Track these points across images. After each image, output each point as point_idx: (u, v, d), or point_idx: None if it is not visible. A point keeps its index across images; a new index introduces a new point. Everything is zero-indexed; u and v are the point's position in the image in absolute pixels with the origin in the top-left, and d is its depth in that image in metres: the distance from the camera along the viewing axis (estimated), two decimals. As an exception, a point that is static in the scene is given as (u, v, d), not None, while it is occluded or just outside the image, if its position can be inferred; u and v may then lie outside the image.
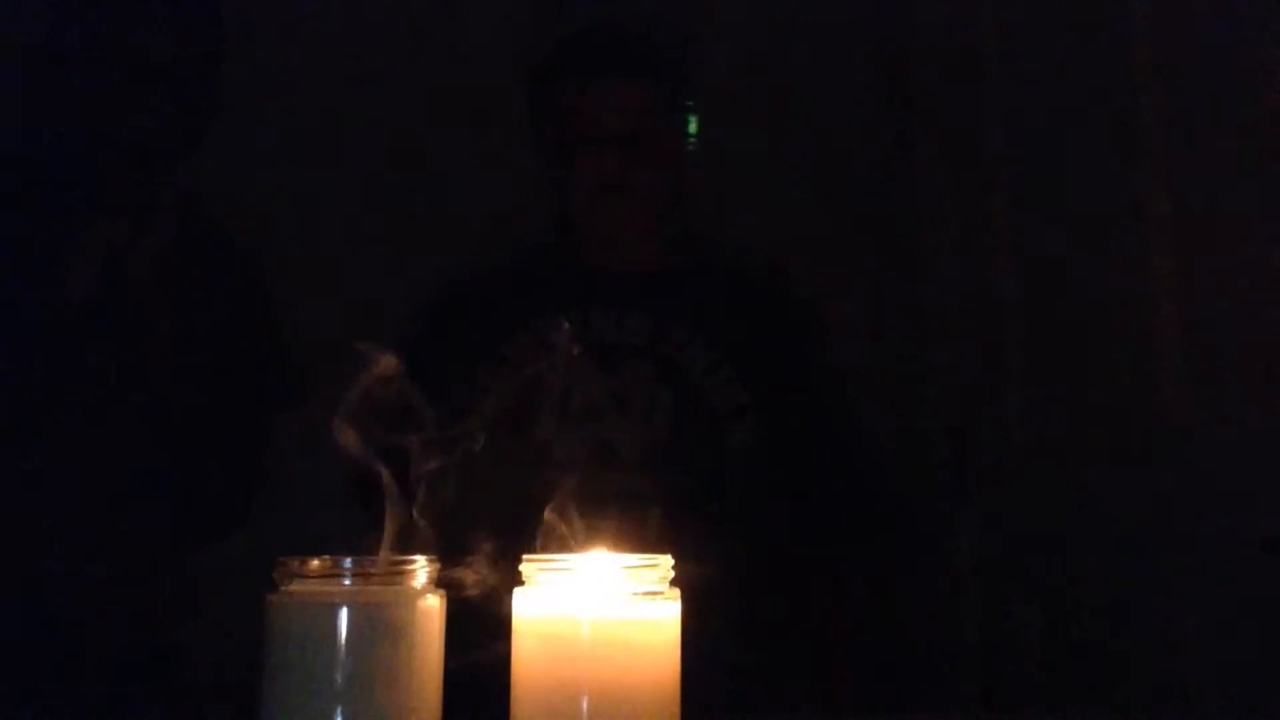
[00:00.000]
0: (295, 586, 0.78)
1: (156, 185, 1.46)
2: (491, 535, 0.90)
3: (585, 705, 0.76)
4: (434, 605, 0.80)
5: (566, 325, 1.58)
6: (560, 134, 1.62)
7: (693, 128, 1.75)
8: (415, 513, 0.83)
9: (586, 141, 1.59)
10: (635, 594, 0.79)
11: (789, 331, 1.65)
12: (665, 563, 0.81)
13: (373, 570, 0.78)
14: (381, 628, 0.76)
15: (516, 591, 0.80)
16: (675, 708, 0.79)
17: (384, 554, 0.81)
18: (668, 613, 0.80)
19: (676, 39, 1.80)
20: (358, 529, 0.84)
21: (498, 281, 1.67)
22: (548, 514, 0.86)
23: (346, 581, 0.77)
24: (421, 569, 0.80)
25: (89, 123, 1.45)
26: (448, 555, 0.83)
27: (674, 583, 0.81)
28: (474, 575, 0.86)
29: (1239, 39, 1.27)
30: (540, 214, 1.66)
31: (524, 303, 1.61)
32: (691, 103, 1.78)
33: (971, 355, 1.85)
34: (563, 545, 0.84)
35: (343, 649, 0.75)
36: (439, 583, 0.81)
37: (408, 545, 0.82)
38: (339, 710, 0.75)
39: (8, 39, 1.52)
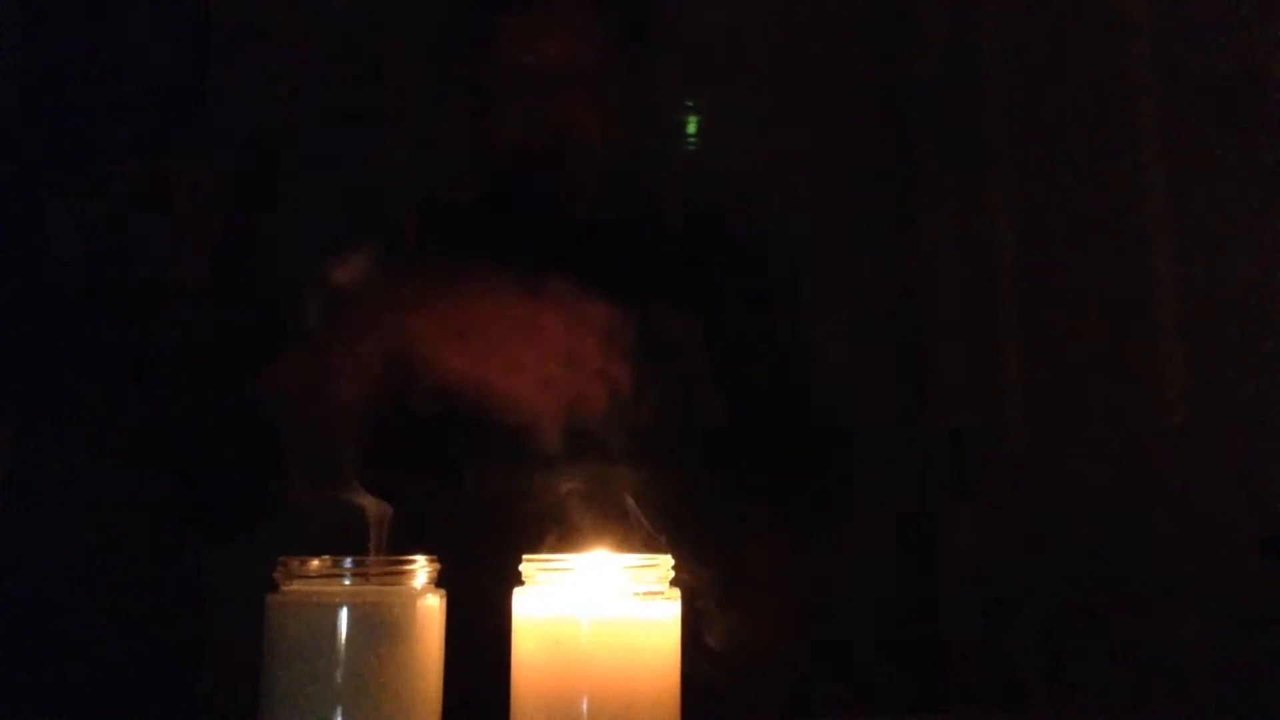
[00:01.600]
0: (295, 586, 0.78)
1: (158, 169, 1.45)
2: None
3: (585, 706, 0.76)
4: (434, 605, 0.80)
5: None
6: (489, 72, 1.43)
7: (692, 128, 1.65)
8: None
9: (519, 81, 1.40)
10: (635, 594, 0.79)
11: (764, 301, 1.50)
12: (665, 562, 0.81)
13: (373, 570, 0.78)
14: (381, 628, 0.76)
15: (516, 591, 0.80)
16: (675, 708, 0.79)
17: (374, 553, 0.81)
18: (668, 613, 0.80)
19: None
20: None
21: (430, 232, 1.45)
22: None
23: (346, 581, 0.78)
24: (421, 569, 0.80)
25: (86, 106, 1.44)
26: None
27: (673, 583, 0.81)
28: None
29: (1239, 38, 1.27)
30: (478, 159, 1.48)
31: (467, 256, 1.37)
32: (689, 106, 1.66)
33: (972, 355, 1.85)
34: None
35: (343, 649, 0.75)
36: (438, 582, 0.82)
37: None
38: (339, 710, 0.75)
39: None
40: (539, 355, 1.25)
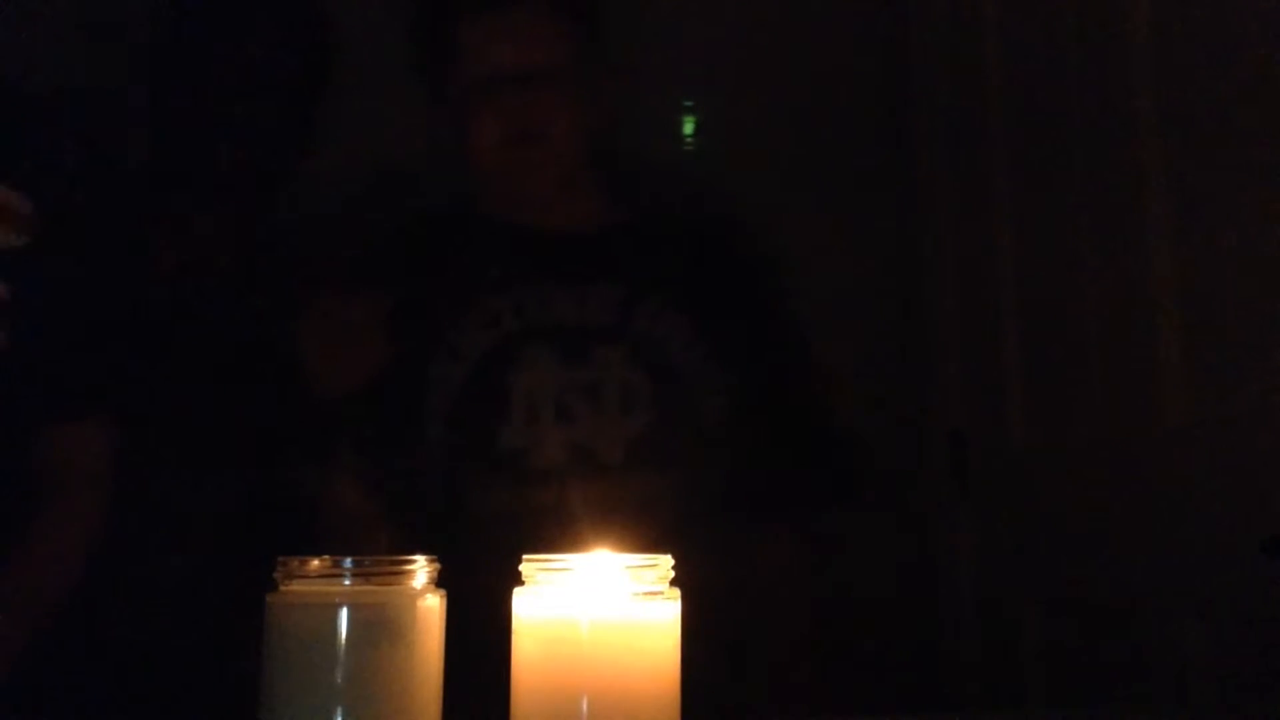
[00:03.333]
0: (295, 586, 0.78)
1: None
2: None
3: (585, 706, 0.76)
4: (434, 605, 0.80)
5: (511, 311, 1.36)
6: (456, 74, 1.41)
7: (689, 128, 1.61)
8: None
9: (486, 83, 1.37)
10: (635, 594, 0.79)
11: (755, 291, 1.52)
12: (665, 563, 0.81)
13: (373, 570, 0.78)
14: (381, 628, 0.76)
15: (516, 591, 0.80)
16: (675, 708, 0.79)
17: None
18: (668, 613, 0.80)
19: None
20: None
21: (417, 245, 1.45)
22: None
23: (346, 581, 0.78)
24: (421, 569, 0.80)
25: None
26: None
27: (674, 584, 0.81)
28: None
29: (1239, 38, 1.27)
30: (444, 167, 1.44)
31: (460, 274, 1.39)
32: (691, 104, 1.64)
33: (971, 355, 1.85)
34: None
35: (343, 649, 0.75)
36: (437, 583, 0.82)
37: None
38: (339, 710, 0.75)
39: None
40: None
